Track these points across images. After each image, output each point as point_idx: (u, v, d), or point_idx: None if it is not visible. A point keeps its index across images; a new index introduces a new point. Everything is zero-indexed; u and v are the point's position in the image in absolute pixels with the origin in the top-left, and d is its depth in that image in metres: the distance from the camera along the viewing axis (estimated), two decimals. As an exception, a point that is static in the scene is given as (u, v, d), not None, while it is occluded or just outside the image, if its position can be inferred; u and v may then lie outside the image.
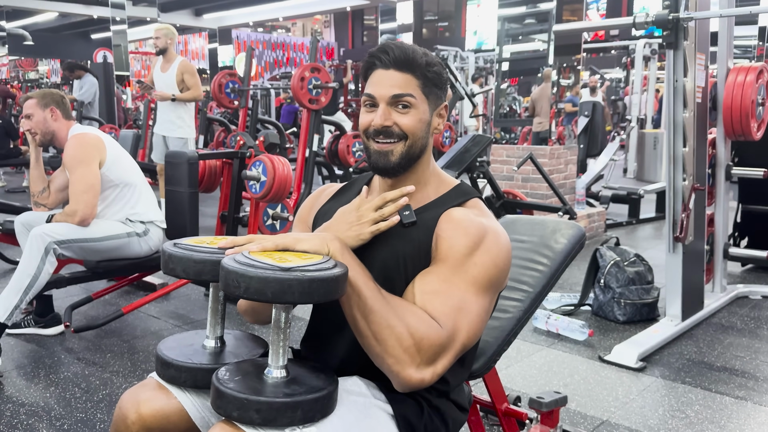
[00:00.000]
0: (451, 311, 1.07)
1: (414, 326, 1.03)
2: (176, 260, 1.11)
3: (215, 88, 6.53)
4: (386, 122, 1.14)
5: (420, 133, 1.16)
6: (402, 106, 1.14)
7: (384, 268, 1.14)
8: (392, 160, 1.16)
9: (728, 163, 3.53)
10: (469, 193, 1.22)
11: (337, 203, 1.29)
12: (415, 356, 1.02)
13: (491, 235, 1.13)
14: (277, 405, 0.97)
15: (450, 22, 19.15)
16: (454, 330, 1.06)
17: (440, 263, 1.11)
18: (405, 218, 1.15)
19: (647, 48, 8.63)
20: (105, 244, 2.70)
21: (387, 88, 1.14)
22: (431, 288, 1.09)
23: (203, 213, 4.33)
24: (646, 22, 2.76)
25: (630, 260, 3.24)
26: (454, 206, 1.18)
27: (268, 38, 17.96)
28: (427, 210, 1.18)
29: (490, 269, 1.10)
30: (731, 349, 2.85)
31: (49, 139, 2.78)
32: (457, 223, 1.13)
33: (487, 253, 1.11)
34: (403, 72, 1.14)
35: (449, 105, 6.81)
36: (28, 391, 2.37)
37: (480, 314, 1.10)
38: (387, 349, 1.03)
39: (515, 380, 2.49)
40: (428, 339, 1.03)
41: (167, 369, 1.14)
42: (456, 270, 1.09)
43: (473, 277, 1.09)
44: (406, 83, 1.14)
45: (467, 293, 1.08)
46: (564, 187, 5.13)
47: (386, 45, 1.15)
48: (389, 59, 1.14)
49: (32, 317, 2.91)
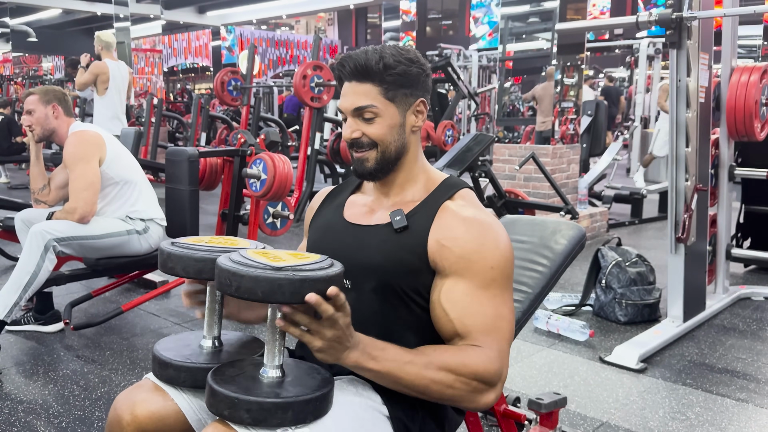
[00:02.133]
0: (492, 323, 1.10)
1: (472, 372, 1.06)
2: (176, 259, 1.10)
3: (218, 85, 6.53)
4: (354, 135, 1.17)
5: (390, 137, 1.17)
6: (365, 118, 1.16)
7: (383, 274, 1.13)
8: (368, 167, 1.18)
9: (731, 163, 3.52)
10: (458, 184, 1.22)
11: (328, 206, 1.30)
12: (484, 388, 1.07)
13: (489, 228, 1.13)
14: (268, 405, 0.96)
15: (454, 21, 19.12)
16: (499, 342, 1.10)
17: (458, 277, 1.11)
18: (396, 223, 1.15)
19: (651, 47, 8.59)
20: (105, 242, 2.70)
21: (350, 101, 1.16)
22: (465, 311, 1.10)
23: (204, 211, 4.33)
24: (650, 22, 2.75)
25: (632, 261, 3.22)
26: (443, 202, 1.17)
27: (272, 36, 17.96)
28: (418, 212, 1.17)
29: (504, 264, 1.12)
30: (733, 350, 2.84)
31: (49, 136, 2.78)
32: (455, 225, 1.13)
33: (495, 249, 1.12)
34: (362, 82, 1.15)
35: (452, 103, 6.80)
36: (26, 388, 2.37)
37: (511, 308, 1.14)
38: (460, 400, 1.08)
39: (515, 381, 2.48)
40: (485, 368, 1.07)
41: (165, 369, 1.13)
42: (477, 280, 1.10)
43: (493, 281, 1.11)
44: (366, 93, 1.15)
45: (495, 299, 1.11)
46: (566, 187, 5.11)
47: (343, 57, 1.17)
48: (347, 72, 1.16)
49: (32, 314, 2.91)
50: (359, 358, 1.02)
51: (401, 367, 1.04)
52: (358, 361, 1.02)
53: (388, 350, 1.05)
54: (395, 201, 1.22)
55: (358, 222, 1.22)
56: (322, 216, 1.30)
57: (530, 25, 5.38)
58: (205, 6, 16.87)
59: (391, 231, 1.15)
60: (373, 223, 1.19)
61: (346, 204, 1.28)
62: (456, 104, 7.02)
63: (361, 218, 1.22)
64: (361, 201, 1.27)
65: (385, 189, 1.23)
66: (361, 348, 1.02)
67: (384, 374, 1.04)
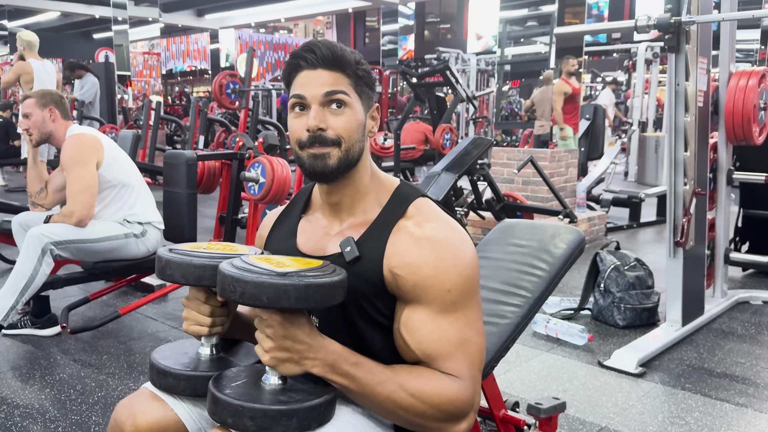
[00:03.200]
0: (455, 349, 1.03)
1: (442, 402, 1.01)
2: (175, 266, 1.08)
3: (216, 88, 6.52)
4: (321, 124, 1.05)
5: (355, 135, 1.08)
6: (336, 105, 1.06)
7: (344, 307, 1.08)
8: (329, 164, 1.06)
9: (730, 167, 3.52)
10: (409, 196, 1.12)
11: (279, 232, 1.23)
12: (454, 419, 1.02)
13: (444, 245, 1.05)
14: (272, 413, 0.95)
15: (452, 24, 19.15)
16: (468, 368, 1.04)
17: (416, 304, 1.05)
18: (347, 255, 1.07)
19: (649, 51, 8.62)
20: (102, 245, 2.69)
21: (318, 87, 1.05)
22: (426, 339, 1.03)
23: (202, 214, 4.32)
24: (648, 26, 2.75)
25: (630, 264, 3.22)
26: (396, 221, 1.09)
27: (270, 39, 17.97)
28: (370, 235, 1.09)
29: (463, 284, 1.04)
30: (732, 355, 2.84)
31: (46, 139, 2.77)
32: (408, 249, 1.05)
33: (452, 269, 1.03)
34: (332, 71, 1.06)
35: (451, 106, 6.80)
36: (23, 392, 2.36)
37: (478, 329, 1.07)
38: (428, 429, 1.04)
39: (514, 385, 2.47)
40: (457, 399, 1.02)
41: (165, 378, 1.11)
42: (434, 306, 1.03)
43: (452, 304, 1.03)
44: (338, 81, 1.06)
45: (458, 322, 1.04)
46: (564, 191, 5.12)
47: (311, 43, 1.07)
48: (316, 58, 1.06)
49: (29, 318, 2.90)
50: (324, 371, 0.98)
51: (371, 386, 0.99)
52: (321, 374, 0.98)
53: (361, 366, 1.00)
54: (349, 222, 1.13)
55: (311, 252, 1.15)
56: (275, 244, 1.22)
57: (528, 29, 5.39)
58: (203, 9, 16.89)
59: (344, 262, 1.07)
60: (327, 253, 1.12)
61: (297, 230, 1.19)
62: (454, 108, 7.03)
63: (315, 247, 1.15)
64: (313, 227, 1.18)
65: (336, 208, 1.15)
66: (331, 361, 0.98)
67: (352, 391, 1.00)
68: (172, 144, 10.00)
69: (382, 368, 1.02)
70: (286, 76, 1.10)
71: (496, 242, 1.80)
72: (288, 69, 1.10)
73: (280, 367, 0.97)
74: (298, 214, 1.22)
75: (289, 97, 1.09)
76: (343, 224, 1.14)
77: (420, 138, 6.61)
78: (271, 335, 0.96)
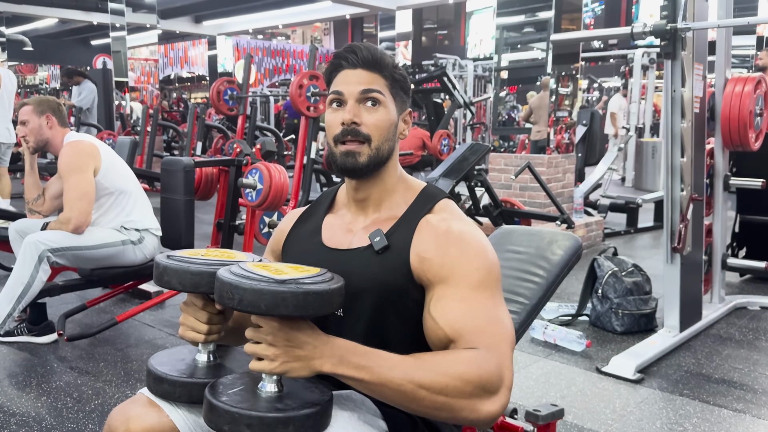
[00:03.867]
0: (486, 327, 1.03)
1: (464, 371, 0.97)
2: (172, 272, 1.08)
3: (214, 94, 6.53)
4: (355, 118, 1.11)
5: (386, 134, 1.13)
6: (371, 102, 1.12)
7: (371, 298, 1.10)
8: (360, 161, 1.12)
9: (726, 173, 3.53)
10: (437, 195, 1.18)
11: (301, 230, 1.25)
12: (483, 394, 0.97)
13: (470, 237, 1.10)
14: (269, 420, 0.95)
15: (449, 31, 19.20)
16: (497, 343, 1.02)
17: (444, 285, 1.07)
18: (376, 245, 1.11)
19: (645, 57, 8.65)
20: (99, 252, 2.69)
21: (355, 84, 1.12)
22: (454, 315, 1.04)
23: (199, 220, 4.31)
24: (644, 33, 2.76)
25: (628, 270, 3.22)
26: (423, 215, 1.14)
27: (268, 45, 18.00)
28: (398, 229, 1.13)
29: (490, 267, 1.08)
30: (729, 360, 2.84)
31: (43, 146, 2.77)
32: (435, 237, 1.10)
33: (479, 253, 1.08)
34: (371, 71, 1.13)
35: (448, 112, 6.82)
36: (19, 400, 2.35)
37: (506, 311, 1.09)
38: (456, 409, 0.97)
39: (512, 392, 2.46)
40: (483, 369, 0.98)
41: (161, 384, 1.11)
42: (463, 283, 1.06)
43: (481, 282, 1.06)
44: (375, 81, 1.13)
45: (486, 301, 1.05)
46: (562, 196, 5.12)
47: (354, 46, 1.14)
48: (357, 59, 1.13)
49: (25, 325, 2.89)
50: (335, 367, 0.97)
51: (385, 372, 0.96)
52: (332, 370, 0.97)
53: (371, 355, 0.98)
54: (373, 218, 1.17)
55: (337, 246, 1.17)
56: (298, 242, 1.24)
57: (525, 35, 5.41)
58: (201, 16, 16.91)
59: (372, 253, 1.11)
60: (353, 247, 1.15)
61: (322, 227, 1.22)
62: (452, 113, 7.04)
63: (340, 241, 1.18)
64: (338, 222, 1.21)
65: (363, 204, 1.19)
66: (339, 355, 0.97)
67: (367, 383, 0.97)
68: (169, 150, 10.00)
69: (393, 355, 1.00)
70: (328, 74, 1.17)
71: (494, 249, 1.80)
72: (330, 68, 1.16)
73: (292, 371, 0.96)
74: (323, 213, 1.25)
75: (329, 94, 1.15)
76: (368, 220, 1.18)
77: (417, 144, 6.62)
78: (273, 342, 0.96)
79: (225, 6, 15.37)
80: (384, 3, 12.85)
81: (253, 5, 15.25)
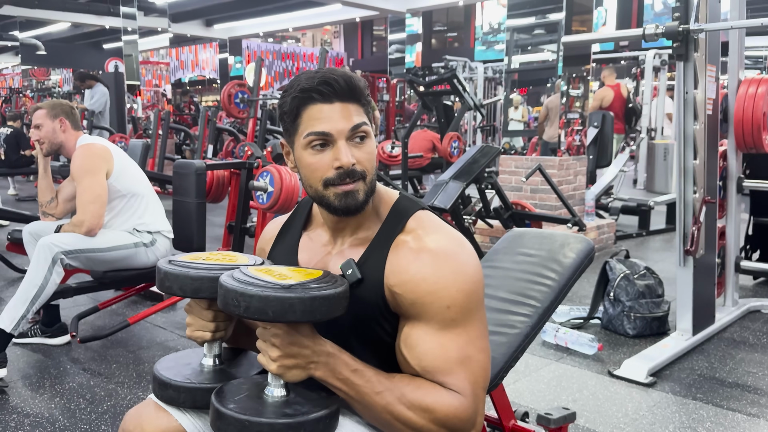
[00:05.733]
0: (457, 367, 1.00)
1: (444, 417, 0.98)
2: (172, 278, 1.07)
3: (225, 98, 6.56)
4: (354, 159, 1.02)
5: (375, 164, 1.07)
6: (359, 138, 1.03)
7: (349, 329, 1.08)
8: (360, 199, 1.04)
9: (739, 175, 3.50)
10: (408, 210, 1.09)
11: (281, 246, 1.22)
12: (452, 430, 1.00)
13: (444, 259, 1.02)
14: (279, 426, 0.94)
15: (459, 33, 19.19)
16: (470, 384, 1.01)
17: (415, 321, 1.03)
18: (350, 278, 1.05)
19: (657, 58, 8.60)
20: (112, 255, 2.70)
21: (341, 121, 1.01)
22: (425, 355, 1.01)
23: (211, 222, 4.34)
24: (656, 34, 2.74)
25: (640, 273, 3.20)
26: (395, 237, 1.07)
27: (278, 48, 18.07)
28: (370, 256, 1.07)
29: (463, 300, 1.01)
30: (743, 364, 2.81)
31: (57, 150, 2.79)
32: (407, 262, 1.03)
33: (452, 284, 1.01)
34: (351, 103, 1.03)
35: (458, 115, 6.81)
36: (33, 401, 2.37)
37: (481, 347, 1.04)
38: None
39: (523, 395, 2.46)
40: (461, 422, 0.99)
41: (165, 390, 1.11)
42: (434, 323, 1.01)
43: (452, 321, 1.00)
44: (358, 113, 1.03)
45: (459, 338, 1.01)
46: (573, 199, 5.10)
47: (326, 77, 1.01)
48: (334, 92, 1.01)
49: (39, 327, 2.92)
50: (325, 375, 0.98)
51: (368, 396, 0.98)
52: (323, 377, 0.99)
53: (361, 374, 0.99)
54: (349, 241, 1.12)
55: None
56: (277, 261, 1.20)
57: (536, 37, 5.39)
58: (212, 19, 17.01)
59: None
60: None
61: (299, 246, 1.18)
62: (462, 116, 7.03)
63: (317, 266, 1.14)
64: (315, 243, 1.17)
65: (343, 225, 1.12)
66: (332, 365, 0.98)
67: (350, 398, 0.99)
68: (181, 153, 10.06)
69: (382, 378, 1.00)
70: (293, 110, 1.04)
71: (505, 252, 1.80)
72: (295, 102, 1.03)
73: (287, 374, 0.97)
74: (299, 229, 1.20)
75: (304, 135, 1.03)
76: (345, 243, 1.13)
77: (428, 146, 6.61)
78: (277, 344, 0.96)
79: (235, 9, 15.45)
80: (394, 5, 12.86)
81: (264, 9, 15.33)
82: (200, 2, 14.51)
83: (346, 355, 1.00)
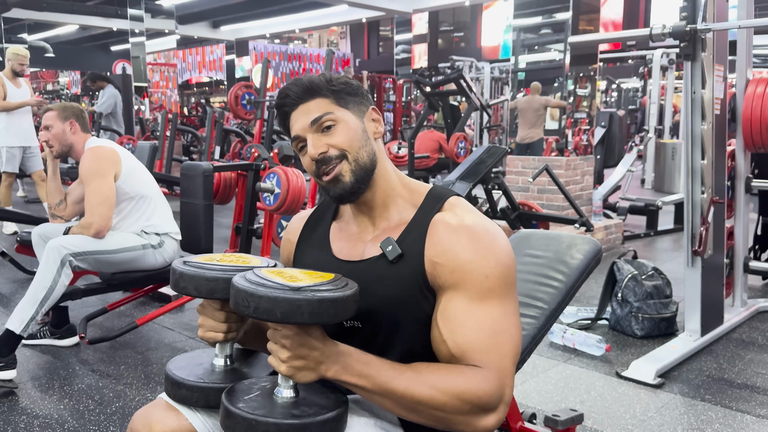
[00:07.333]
0: (488, 340, 1.02)
1: (464, 391, 0.98)
2: (188, 278, 1.09)
3: (231, 99, 6.58)
4: (320, 149, 1.10)
5: (357, 142, 1.11)
6: (326, 128, 1.11)
7: (389, 310, 1.09)
8: (346, 183, 1.10)
9: (748, 175, 3.48)
10: (444, 194, 1.15)
11: (310, 239, 1.24)
12: (480, 412, 1.00)
13: (483, 234, 1.06)
14: (285, 427, 0.95)
15: (465, 33, 19.18)
16: (499, 360, 1.02)
17: (453, 291, 1.05)
18: (389, 254, 1.08)
19: (664, 58, 8.57)
20: (120, 256, 2.72)
21: (303, 119, 1.11)
22: (460, 330, 1.03)
23: (218, 224, 4.35)
24: (663, 34, 2.73)
25: (648, 274, 3.19)
26: (434, 214, 1.11)
27: (285, 49, 18.11)
28: (409, 233, 1.11)
29: (501, 272, 1.05)
30: (752, 365, 2.79)
31: (66, 151, 2.81)
32: (447, 234, 1.07)
33: (490, 256, 1.04)
34: (310, 100, 1.12)
35: (465, 115, 6.80)
36: (42, 402, 2.38)
37: (514, 322, 1.06)
38: (453, 424, 1.00)
39: (530, 396, 2.45)
40: (481, 391, 0.99)
41: (178, 389, 1.13)
42: (472, 292, 1.03)
43: (490, 291, 1.03)
44: (318, 106, 1.11)
45: (493, 311, 1.03)
46: (581, 199, 5.09)
47: (285, 89, 1.13)
48: (293, 99, 1.12)
49: (48, 328, 2.93)
50: (338, 373, 0.98)
51: (385, 383, 0.98)
52: (335, 376, 0.98)
53: (374, 364, 1.00)
54: (383, 227, 1.15)
55: (349, 258, 1.15)
56: (308, 253, 1.23)
57: (542, 36, 5.38)
58: (219, 21, 17.07)
59: (386, 263, 1.09)
60: (365, 257, 1.13)
61: (330, 236, 1.21)
62: (468, 116, 7.03)
63: (351, 253, 1.16)
64: (347, 231, 1.20)
65: (369, 213, 1.16)
66: (343, 362, 0.98)
67: (368, 391, 0.99)
68: (188, 155, 10.10)
69: (397, 365, 1.01)
70: (282, 123, 1.17)
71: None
72: (281, 119, 1.17)
73: (297, 375, 0.98)
74: (329, 220, 1.24)
75: (292, 142, 1.16)
76: (378, 229, 1.16)
77: (434, 146, 6.61)
78: (287, 345, 0.97)
79: (242, 11, 15.50)
80: (400, 6, 12.86)
81: (270, 10, 15.37)
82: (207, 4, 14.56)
83: (356, 350, 1.01)
